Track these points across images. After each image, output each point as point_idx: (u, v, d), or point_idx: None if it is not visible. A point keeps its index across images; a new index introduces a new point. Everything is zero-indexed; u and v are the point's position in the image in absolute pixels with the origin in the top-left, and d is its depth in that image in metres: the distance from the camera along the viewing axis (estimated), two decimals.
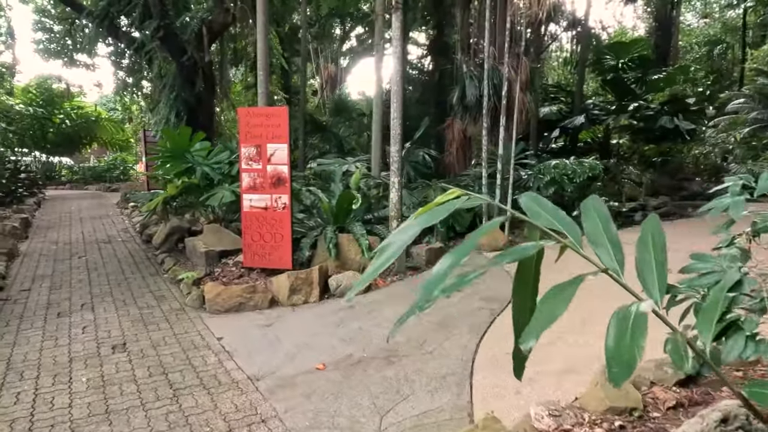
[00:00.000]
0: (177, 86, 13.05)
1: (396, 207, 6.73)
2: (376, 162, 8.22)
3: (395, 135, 6.64)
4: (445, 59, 15.05)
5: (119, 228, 10.70)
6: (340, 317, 4.98)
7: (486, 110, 8.22)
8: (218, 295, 5.26)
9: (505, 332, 4.37)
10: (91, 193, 18.78)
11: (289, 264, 5.84)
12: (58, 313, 5.23)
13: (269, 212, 5.80)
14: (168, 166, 7.66)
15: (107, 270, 7.05)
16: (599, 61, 14.30)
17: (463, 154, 12.22)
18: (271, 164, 5.72)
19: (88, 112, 23.33)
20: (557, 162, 8.92)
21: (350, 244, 6.23)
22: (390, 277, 6.18)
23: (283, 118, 5.63)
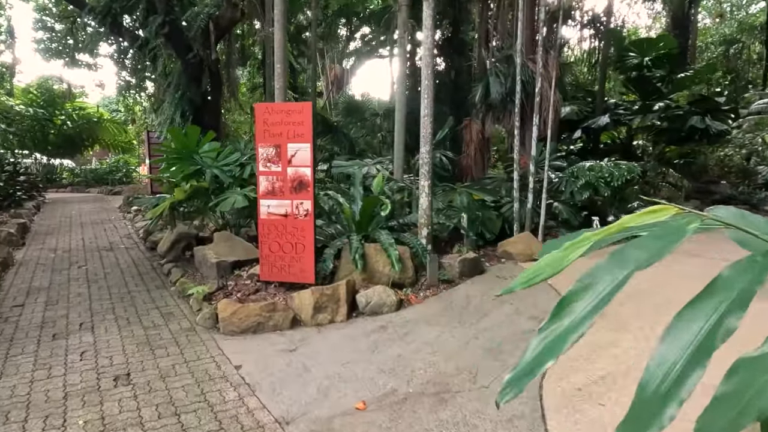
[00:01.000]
0: (182, 85, 12.48)
1: (426, 213, 6.14)
2: (398, 164, 7.62)
3: (426, 135, 6.05)
4: (460, 57, 14.46)
5: (122, 234, 10.11)
6: (374, 341, 4.36)
7: (517, 108, 7.60)
8: (234, 314, 4.66)
9: (569, 361, 3.76)
10: (93, 197, 18.22)
11: (312, 278, 5.23)
12: (53, 335, 4.62)
13: (289, 220, 5.20)
14: (174, 168, 7.08)
15: (109, 282, 6.45)
16: (622, 59, 13.70)
17: (481, 156, 11.62)
18: (292, 166, 5.13)
19: (90, 113, 22.81)
20: (591, 164, 8.30)
21: (378, 254, 5.63)
22: (422, 291, 5.57)
23: (305, 115, 5.04)
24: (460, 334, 4.42)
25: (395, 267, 5.42)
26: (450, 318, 4.82)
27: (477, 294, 5.48)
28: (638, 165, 8.23)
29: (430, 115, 6.00)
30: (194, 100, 12.41)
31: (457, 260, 6.03)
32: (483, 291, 5.57)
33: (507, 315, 4.84)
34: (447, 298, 5.37)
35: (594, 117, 12.99)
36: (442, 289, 5.66)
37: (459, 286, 5.77)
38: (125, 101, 21.40)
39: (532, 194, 7.61)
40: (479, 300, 5.29)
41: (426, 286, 5.69)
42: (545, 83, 8.92)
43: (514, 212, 7.64)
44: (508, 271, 6.30)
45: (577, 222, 8.02)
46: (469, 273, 6.06)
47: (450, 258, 6.27)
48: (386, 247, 5.60)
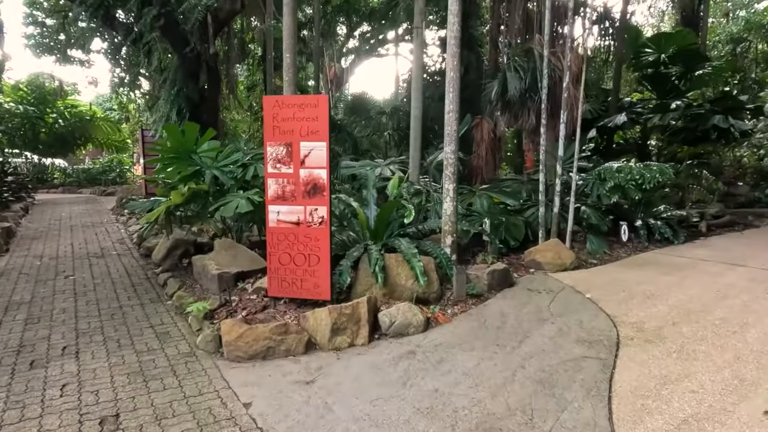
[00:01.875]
0: (179, 81, 11.84)
1: (451, 220, 5.55)
2: (414, 165, 7.03)
3: (450, 132, 5.46)
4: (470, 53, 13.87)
5: (114, 239, 9.47)
6: (404, 370, 3.77)
7: (544, 104, 7.03)
8: (240, 337, 4.05)
9: (639, 399, 3.18)
10: (85, 198, 17.53)
11: (327, 294, 4.63)
12: (31, 363, 4.00)
13: (302, 228, 4.59)
14: (171, 169, 6.45)
15: (98, 295, 5.83)
16: (637, 55, 13.16)
17: (492, 156, 11.07)
18: (305, 167, 4.52)
19: (83, 112, 22.11)
20: (620, 165, 7.75)
21: (399, 266, 5.03)
22: (449, 308, 4.98)
23: (321, 109, 4.44)
24: (503, 362, 3.83)
25: (420, 281, 4.83)
26: (486, 341, 4.23)
27: (511, 311, 4.89)
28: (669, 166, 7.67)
29: (455, 111, 5.41)
30: (191, 97, 11.77)
31: (486, 272, 5.44)
32: (517, 307, 4.98)
33: (550, 337, 4.25)
34: (478, 316, 4.78)
35: (607, 116, 12.45)
36: (471, 305, 5.07)
37: (489, 301, 5.18)
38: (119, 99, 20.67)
39: (558, 197, 7.03)
40: (515, 318, 4.70)
41: (453, 301, 5.09)
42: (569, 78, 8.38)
43: (539, 217, 7.06)
44: (540, 283, 5.72)
45: (606, 227, 7.46)
46: (498, 286, 5.48)
47: (476, 269, 5.68)
48: (409, 258, 5.00)
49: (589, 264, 6.63)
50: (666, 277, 5.87)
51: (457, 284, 5.11)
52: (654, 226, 7.96)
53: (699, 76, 12.37)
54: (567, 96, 7.02)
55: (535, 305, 5.02)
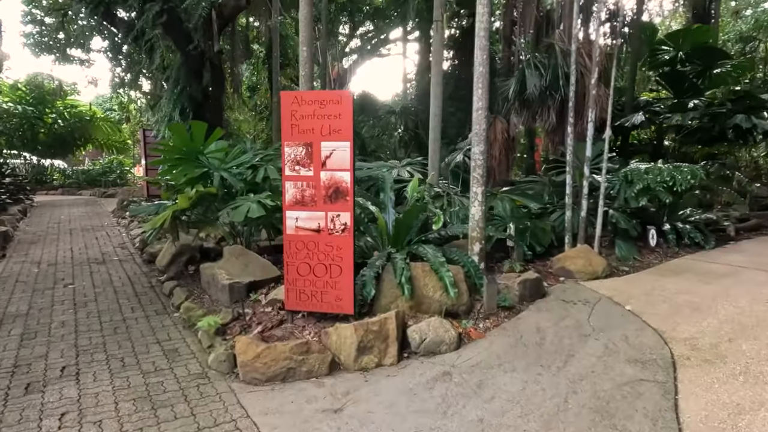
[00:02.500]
0: (182, 79, 11.46)
1: (479, 226, 5.17)
2: (433, 166, 6.65)
3: (479, 132, 5.08)
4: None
5: (115, 243, 9.08)
6: (441, 396, 3.38)
7: (572, 102, 6.65)
8: (257, 357, 3.66)
9: (715, 431, 2.79)
10: (85, 199, 17.14)
11: (351, 308, 4.25)
12: (26, 386, 3.61)
13: (323, 236, 4.21)
14: (177, 170, 6.07)
15: (100, 306, 5.44)
16: (653, 53, 12.78)
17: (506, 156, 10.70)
18: (326, 170, 4.14)
19: (83, 112, 21.72)
20: (648, 166, 7.36)
21: (427, 276, 4.64)
22: (480, 321, 4.59)
23: (344, 106, 4.06)
24: (551, 386, 3.44)
25: (450, 293, 4.44)
26: (528, 360, 3.84)
27: (548, 325, 4.51)
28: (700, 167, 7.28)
29: (484, 108, 5.04)
30: (195, 96, 11.40)
31: (517, 282, 5.05)
32: (554, 321, 4.60)
33: (598, 356, 3.87)
34: (513, 331, 4.39)
35: (623, 115, 12.07)
36: (504, 318, 4.69)
37: (522, 314, 4.80)
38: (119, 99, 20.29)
39: (586, 200, 6.64)
40: (554, 334, 4.32)
41: (483, 314, 4.71)
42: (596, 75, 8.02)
43: (566, 221, 6.68)
44: (574, 294, 5.34)
45: (636, 232, 7.07)
46: (530, 297, 5.10)
47: (505, 278, 5.30)
48: (437, 268, 4.62)
49: (621, 271, 6.25)
50: (707, 287, 5.48)
51: (487, 296, 4.72)
52: (683, 230, 7.58)
53: (718, 74, 11.99)
54: (595, 93, 6.63)
55: (573, 319, 4.64)
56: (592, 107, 6.63)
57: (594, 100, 6.62)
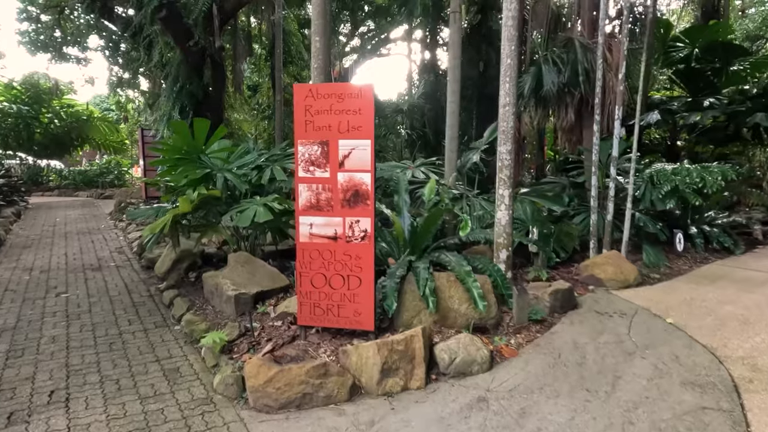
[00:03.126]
0: (181, 77, 11.05)
1: (506, 231, 4.78)
2: (450, 167, 6.24)
3: (506, 129, 4.69)
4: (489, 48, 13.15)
5: (112, 247, 8.67)
6: (479, 426, 2.98)
7: (598, 98, 6.26)
8: (270, 382, 3.26)
9: None
10: (82, 201, 16.72)
11: (371, 323, 3.84)
12: (9, 415, 3.20)
13: (340, 244, 3.80)
14: (178, 171, 5.66)
15: (94, 318, 5.03)
16: (667, 50, 12.40)
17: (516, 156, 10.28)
18: (344, 171, 3.74)
19: (79, 111, 21.27)
20: (675, 167, 6.98)
21: (452, 287, 4.24)
22: (511, 336, 4.19)
23: (364, 100, 3.65)
24: (602, 415, 3.04)
25: (479, 305, 4.04)
26: (571, 383, 3.44)
27: (586, 341, 4.11)
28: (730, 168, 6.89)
29: (512, 104, 4.64)
30: (195, 94, 10.99)
31: (548, 292, 4.66)
32: (591, 336, 4.20)
33: (648, 378, 3.47)
34: (549, 348, 3.99)
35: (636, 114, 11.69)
36: (536, 333, 4.29)
37: (555, 327, 4.39)
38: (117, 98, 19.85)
39: (612, 203, 6.25)
40: (595, 351, 3.92)
41: (513, 328, 4.31)
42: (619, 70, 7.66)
43: (591, 225, 6.29)
44: (607, 304, 4.94)
45: (664, 236, 6.69)
46: (561, 308, 4.70)
47: (534, 288, 4.90)
48: (463, 278, 4.22)
49: (652, 279, 5.86)
50: (751, 296, 5.09)
51: (518, 308, 4.33)
52: (710, 234, 7.19)
53: (735, 71, 11.61)
54: (622, 89, 6.24)
55: (612, 333, 4.24)
56: (619, 104, 6.24)
57: (621, 96, 6.24)
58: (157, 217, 5.89)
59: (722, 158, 13.38)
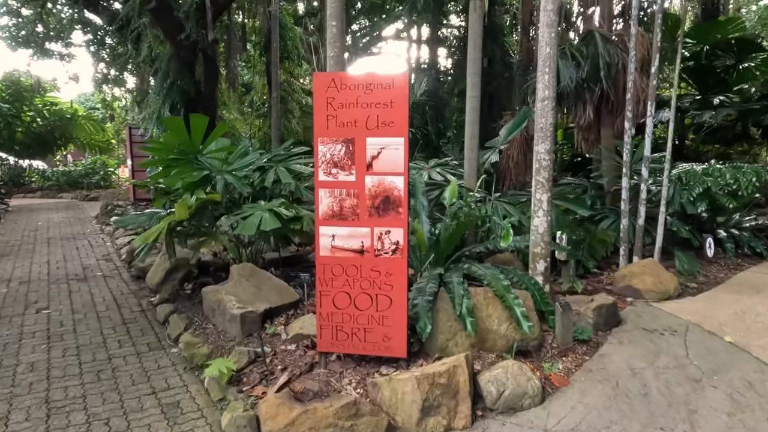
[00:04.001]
0: (172, 72, 10.43)
1: (544, 240, 4.29)
2: (471, 167, 5.75)
3: (545, 126, 4.21)
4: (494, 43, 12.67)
5: (99, 254, 8.06)
6: None
7: (630, 93, 5.81)
8: (292, 425, 2.74)
9: None
10: (66, 203, 15.98)
11: (403, 349, 3.34)
12: None
13: (368, 259, 3.29)
14: (173, 173, 5.09)
15: (79, 339, 4.46)
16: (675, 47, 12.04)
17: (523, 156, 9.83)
18: (372, 173, 3.22)
19: (63, 110, 20.48)
20: (705, 167, 6.57)
21: (490, 305, 3.75)
22: (557, 360, 3.70)
23: (397, 92, 3.14)
24: None
25: (523, 326, 3.55)
26: (641, 421, 2.96)
27: (642, 365, 3.63)
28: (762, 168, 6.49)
29: (551, 98, 4.16)
30: (187, 91, 10.39)
31: (591, 308, 4.18)
32: (647, 359, 3.73)
33: (729, 413, 3.00)
34: (603, 375, 3.51)
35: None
36: (582, 355, 3.81)
37: (603, 349, 3.92)
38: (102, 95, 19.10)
39: (644, 206, 5.80)
40: (655, 378, 3.44)
41: (558, 351, 3.82)
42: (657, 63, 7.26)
43: (622, 230, 5.84)
44: (652, 320, 4.47)
45: (698, 242, 6.26)
46: (605, 325, 4.23)
47: (580, 302, 4.41)
48: (502, 294, 3.73)
49: (690, 289, 5.41)
50: None
51: (562, 327, 3.84)
52: (740, 238, 6.79)
53: (747, 68, 11.28)
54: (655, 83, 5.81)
55: (669, 355, 3.77)
56: (651, 100, 5.80)
57: (653, 91, 5.80)
58: (149, 224, 5.32)
59: (725, 158, 13.08)
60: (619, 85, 7.52)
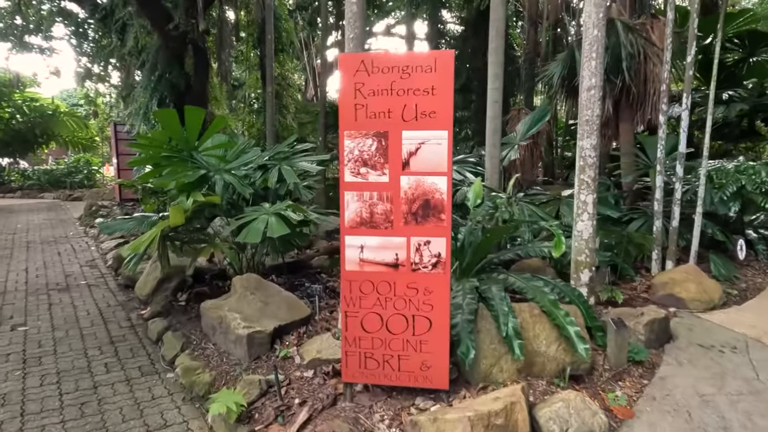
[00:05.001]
0: (160, 64, 9.83)
1: (589, 247, 3.83)
2: (492, 165, 5.27)
3: (591, 119, 3.74)
4: None
5: (82, 260, 7.46)
6: None
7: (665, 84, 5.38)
8: None
9: None
10: (48, 204, 15.24)
11: (445, 379, 2.85)
12: None
13: (403, 273, 2.79)
14: (165, 173, 4.54)
15: (60, 363, 3.90)
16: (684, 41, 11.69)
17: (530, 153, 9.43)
18: (409, 173, 2.72)
19: (44, 106, 19.65)
20: (737, 164, 6.16)
21: (537, 324, 3.27)
22: (612, 385, 3.23)
23: (441, 76, 2.64)
24: None
25: (578, 349, 3.07)
26: None
27: (711, 390, 3.18)
28: None
29: (598, 87, 3.70)
30: (176, 84, 9.80)
31: (642, 323, 3.72)
32: (713, 383, 3.28)
33: None
34: (670, 404, 3.05)
35: None
36: (639, 379, 3.34)
37: (661, 371, 3.45)
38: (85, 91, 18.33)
39: (679, 207, 5.37)
40: (731, 407, 2.99)
41: (612, 374, 3.35)
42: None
43: (655, 232, 5.40)
44: (705, 334, 4.03)
45: (732, 245, 5.86)
46: (656, 341, 3.78)
47: (629, 315, 3.95)
48: (550, 310, 3.25)
49: (733, 296, 5.00)
50: None
51: (616, 347, 3.38)
52: None
53: (759, 62, 10.94)
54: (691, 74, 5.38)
55: (738, 378, 3.32)
56: (687, 91, 5.37)
57: (689, 83, 5.37)
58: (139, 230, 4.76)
59: (727, 155, 12.76)
60: (641, 77, 7.11)
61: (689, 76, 5.41)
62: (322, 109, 10.39)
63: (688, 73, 5.40)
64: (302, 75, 21.98)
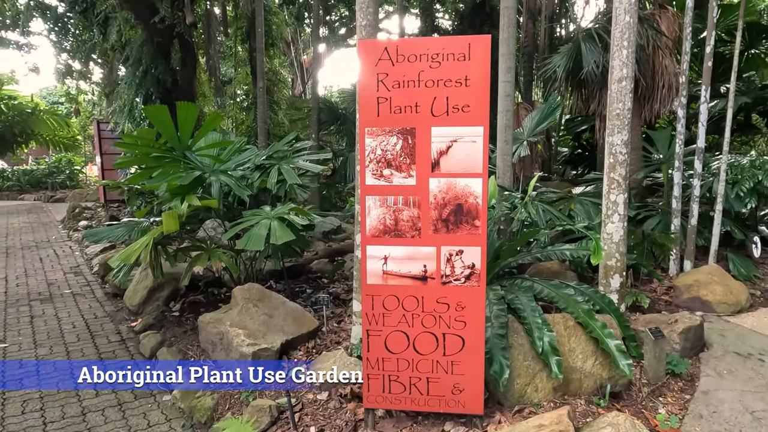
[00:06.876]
0: (145, 59, 9.38)
1: (620, 251, 3.57)
2: (504, 163, 4.99)
3: (622, 113, 3.49)
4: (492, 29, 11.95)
5: (66, 266, 7.06)
6: None
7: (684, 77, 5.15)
8: None
9: None
10: (28, 206, 14.69)
11: (480, 404, 2.56)
12: None
13: (432, 287, 2.49)
14: (156, 174, 4.18)
15: (44, 384, 3.54)
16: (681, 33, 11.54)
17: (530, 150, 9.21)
18: (439, 174, 2.42)
19: (23, 104, 18.93)
20: (753, 159, 5.96)
21: (572, 336, 3.00)
22: (653, 401, 2.97)
23: (475, 65, 2.35)
24: None
25: (620, 365, 2.80)
26: None
27: (762, 406, 2.94)
28: None
29: (629, 78, 3.44)
30: (162, 80, 9.37)
31: (677, 331, 3.47)
32: (759, 396, 3.04)
33: None
34: (719, 423, 2.80)
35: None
36: (680, 393, 3.09)
37: (702, 383, 3.20)
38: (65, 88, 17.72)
39: (697, 205, 5.15)
40: None
41: (651, 389, 3.10)
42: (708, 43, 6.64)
43: (674, 231, 5.17)
44: (738, 340, 3.80)
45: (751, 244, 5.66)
46: (691, 350, 3.53)
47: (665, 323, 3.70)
48: (586, 322, 2.98)
49: (757, 297, 4.78)
50: None
51: (654, 360, 3.12)
52: None
53: (757, 54, 10.82)
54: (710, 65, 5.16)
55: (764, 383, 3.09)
56: (707, 83, 5.15)
57: (708, 74, 5.15)
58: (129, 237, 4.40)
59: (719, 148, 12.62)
60: (649, 70, 6.88)
61: (708, 67, 5.18)
62: (315, 105, 10.03)
63: (706, 64, 5.18)
64: (290, 71, 21.54)
